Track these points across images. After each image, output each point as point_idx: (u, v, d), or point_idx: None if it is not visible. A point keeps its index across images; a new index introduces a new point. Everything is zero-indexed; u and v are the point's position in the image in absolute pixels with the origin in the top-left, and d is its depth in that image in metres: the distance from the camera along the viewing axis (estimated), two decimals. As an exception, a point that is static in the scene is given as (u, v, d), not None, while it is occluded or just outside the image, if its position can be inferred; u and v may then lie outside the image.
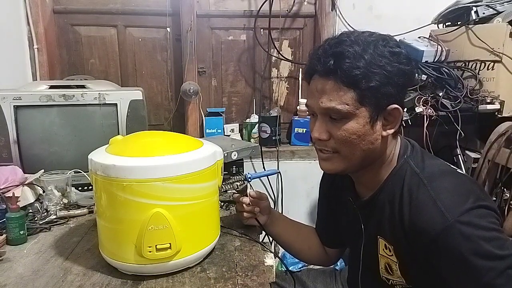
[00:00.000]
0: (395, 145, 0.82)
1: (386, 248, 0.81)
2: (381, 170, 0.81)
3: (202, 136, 2.04)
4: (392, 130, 0.77)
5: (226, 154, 1.30)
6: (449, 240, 0.67)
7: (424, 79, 1.68)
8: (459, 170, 0.80)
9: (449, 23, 1.89)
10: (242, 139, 2.08)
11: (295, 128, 2.12)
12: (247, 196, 1.01)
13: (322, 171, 0.87)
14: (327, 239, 1.09)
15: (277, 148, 2.05)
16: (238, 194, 1.02)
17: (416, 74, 1.70)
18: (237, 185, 1.03)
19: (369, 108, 0.73)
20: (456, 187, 0.73)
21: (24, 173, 1.19)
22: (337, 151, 0.77)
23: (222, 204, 1.17)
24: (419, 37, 1.85)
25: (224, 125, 2.05)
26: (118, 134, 1.22)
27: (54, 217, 1.07)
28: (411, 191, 0.75)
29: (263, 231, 1.06)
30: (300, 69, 2.14)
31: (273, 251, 0.94)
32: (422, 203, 0.72)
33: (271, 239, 1.13)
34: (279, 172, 2.00)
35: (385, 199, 0.80)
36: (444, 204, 0.69)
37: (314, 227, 1.13)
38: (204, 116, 2.05)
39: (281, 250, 1.88)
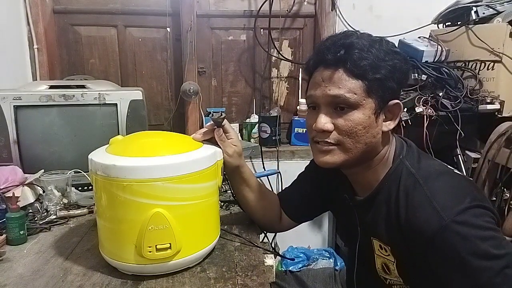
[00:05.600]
0: (391, 145, 0.82)
1: (381, 249, 0.81)
2: (377, 170, 0.81)
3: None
4: (392, 126, 0.79)
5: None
6: (445, 240, 0.67)
7: (424, 79, 1.68)
8: (455, 171, 0.81)
9: (449, 23, 1.89)
10: (242, 139, 2.08)
11: (295, 128, 2.13)
12: (212, 128, 0.91)
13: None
14: (294, 211, 1.03)
15: (277, 148, 2.05)
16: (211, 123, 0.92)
17: (416, 74, 1.70)
18: (215, 114, 0.95)
19: (375, 100, 0.75)
20: (452, 187, 0.74)
21: (24, 173, 1.19)
22: (340, 143, 0.77)
23: (222, 204, 1.17)
24: (419, 37, 1.85)
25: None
26: (118, 134, 1.22)
27: (54, 217, 1.07)
28: (407, 191, 0.75)
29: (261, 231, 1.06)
30: (300, 69, 2.14)
31: (273, 251, 0.94)
32: (418, 203, 0.72)
33: (270, 239, 1.12)
34: (279, 172, 2.00)
35: (381, 200, 0.80)
36: (440, 204, 0.69)
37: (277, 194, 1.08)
38: (204, 116, 2.05)
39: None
